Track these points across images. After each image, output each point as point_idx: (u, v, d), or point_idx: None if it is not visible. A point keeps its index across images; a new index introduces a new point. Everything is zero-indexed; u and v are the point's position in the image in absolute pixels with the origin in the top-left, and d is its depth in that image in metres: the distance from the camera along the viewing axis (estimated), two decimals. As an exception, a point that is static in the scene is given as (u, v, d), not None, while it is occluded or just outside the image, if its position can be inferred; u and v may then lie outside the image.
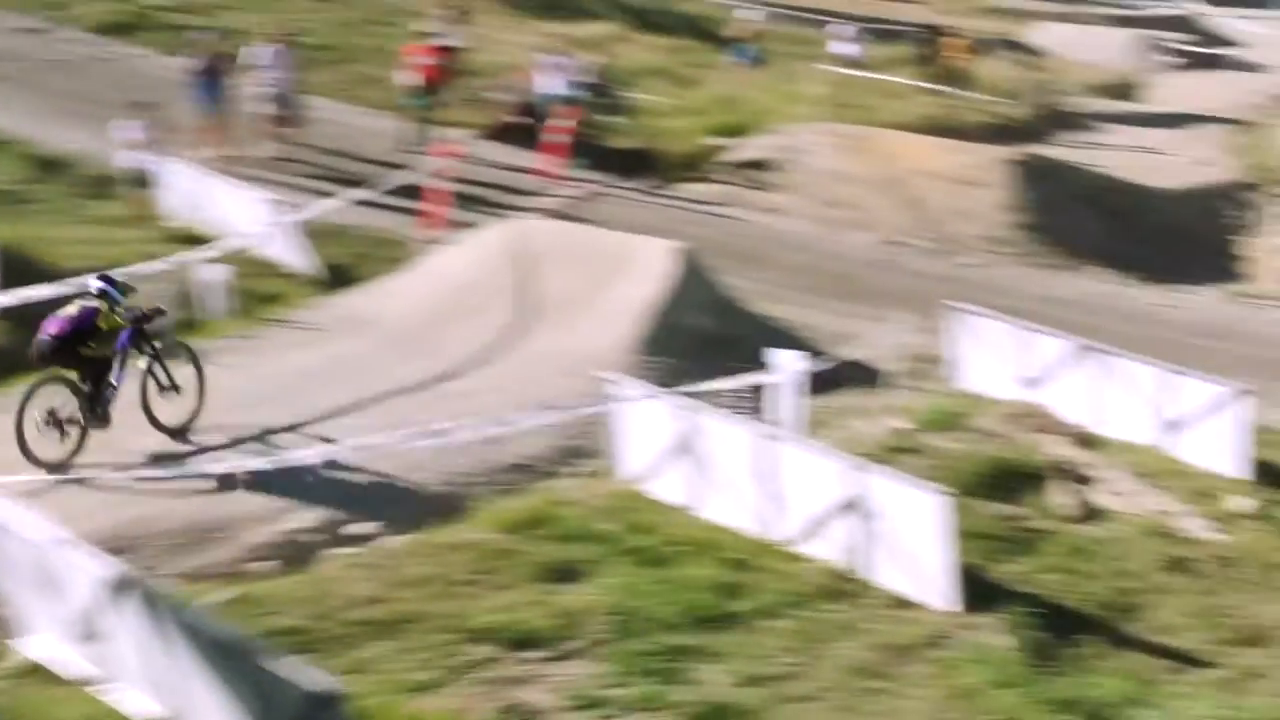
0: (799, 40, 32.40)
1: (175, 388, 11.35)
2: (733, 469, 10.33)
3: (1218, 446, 12.01)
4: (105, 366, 10.99)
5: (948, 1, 44.04)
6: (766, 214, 21.27)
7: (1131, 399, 12.51)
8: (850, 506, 9.62)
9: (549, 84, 22.61)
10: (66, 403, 10.64)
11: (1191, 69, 38.52)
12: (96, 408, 10.85)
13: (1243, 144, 26.92)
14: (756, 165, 22.30)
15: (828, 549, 9.79)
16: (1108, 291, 19.21)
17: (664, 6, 32.84)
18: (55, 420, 10.55)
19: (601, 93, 23.89)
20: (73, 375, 10.78)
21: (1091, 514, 11.15)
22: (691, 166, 22.74)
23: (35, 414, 10.44)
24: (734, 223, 20.87)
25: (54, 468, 10.52)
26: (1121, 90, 33.63)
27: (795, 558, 9.86)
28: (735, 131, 23.52)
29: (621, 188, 21.41)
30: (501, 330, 14.40)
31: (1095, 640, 9.12)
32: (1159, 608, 9.60)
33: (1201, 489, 11.67)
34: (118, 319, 11.05)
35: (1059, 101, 29.83)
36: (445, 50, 22.69)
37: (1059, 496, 11.30)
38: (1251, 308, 19.05)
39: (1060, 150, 25.58)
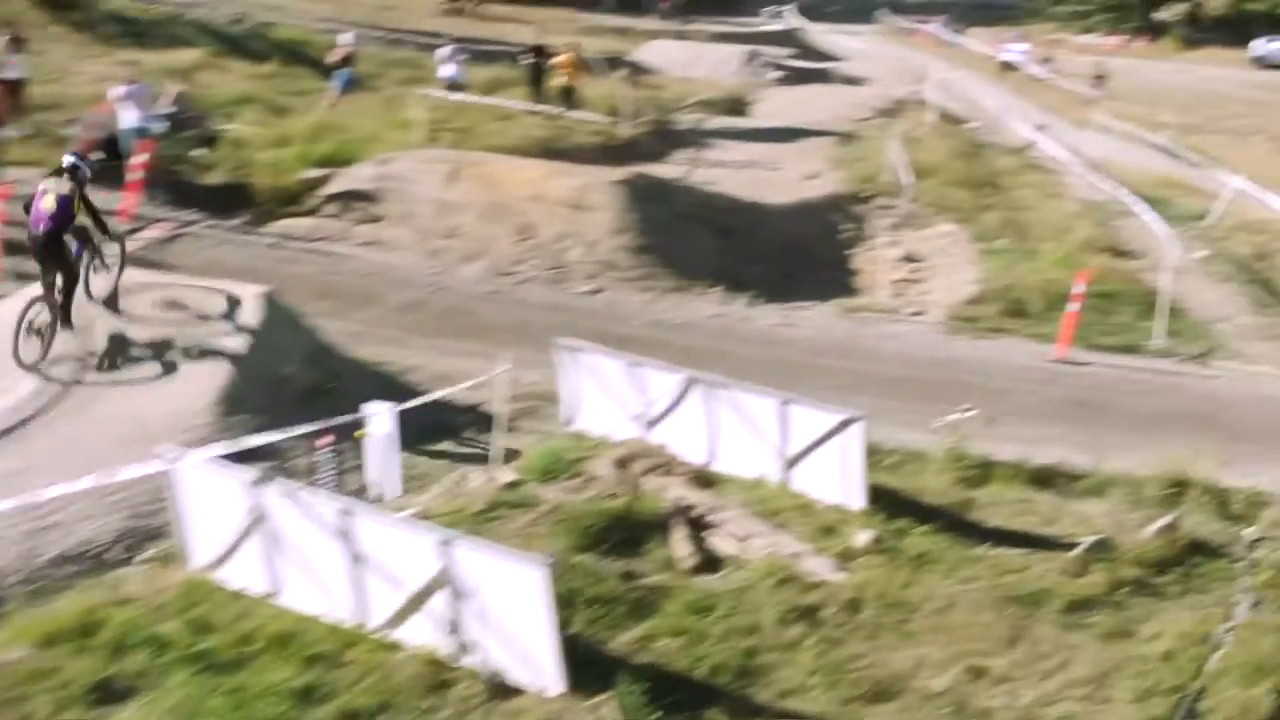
0: (406, 64, 31.37)
1: (105, 264, 13.89)
2: (313, 548, 8.91)
3: (835, 476, 11.47)
4: (73, 276, 13.18)
5: (556, 21, 43.89)
6: (371, 248, 19.93)
7: (747, 431, 11.85)
8: (443, 584, 8.43)
9: (128, 116, 20.75)
10: (43, 315, 12.91)
11: (798, 83, 39.42)
12: (66, 317, 13.10)
13: (848, 156, 27.33)
14: (359, 196, 20.91)
15: (425, 634, 8.58)
16: (725, 313, 18.76)
17: (257, 32, 31.13)
18: (35, 330, 12.86)
19: (187, 124, 22.09)
20: (50, 287, 13.01)
21: (712, 563, 10.36)
22: (289, 200, 21.12)
23: (25, 327, 12.74)
24: (336, 259, 19.46)
25: (30, 368, 12.84)
26: (732, 106, 33.91)
27: (389, 647, 8.59)
28: (336, 161, 22.12)
29: (211, 226, 19.64)
30: (55, 395, 12.66)
31: (717, 712, 8.26)
32: (784, 666, 8.82)
33: (823, 524, 11.08)
34: (86, 201, 13.17)
35: (670, 119, 29.71)
36: (4, 83, 20.64)
37: (678, 546, 10.46)
38: (867, 322, 18.94)
39: (672, 169, 25.32)
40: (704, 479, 11.75)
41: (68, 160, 13.16)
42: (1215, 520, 12.58)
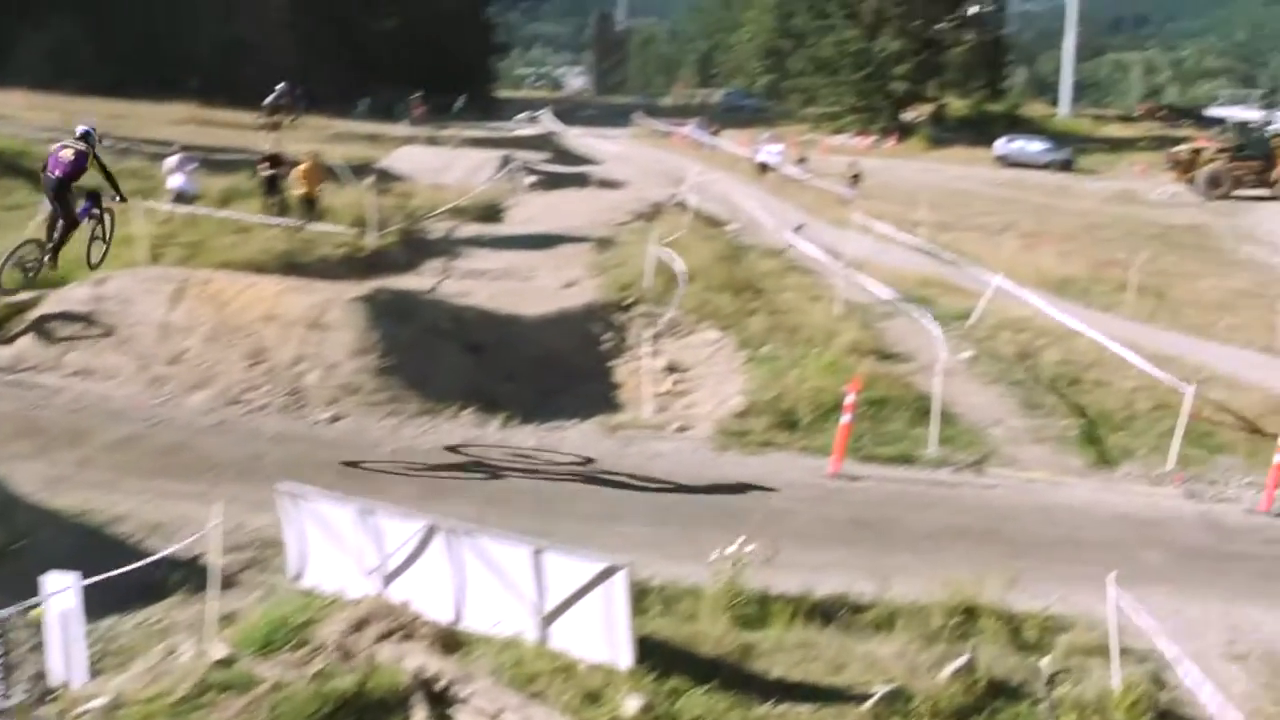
0: (133, 175, 29.22)
1: (105, 237, 15.37)
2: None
3: (599, 632, 10.14)
4: (72, 222, 14.73)
5: (306, 129, 42.29)
6: (83, 378, 17.98)
7: (499, 584, 10.44)
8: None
9: None
10: (32, 254, 14.75)
11: (554, 188, 38.51)
12: (54, 256, 14.86)
13: (606, 262, 26.34)
14: (72, 320, 18.91)
15: None
16: (478, 437, 17.32)
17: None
18: (23, 265, 14.66)
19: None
20: (51, 226, 14.74)
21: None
22: (-9, 326, 19.09)
23: (14, 259, 14.49)
24: (41, 392, 17.48)
25: (8, 293, 15.92)
26: (486, 213, 32.70)
27: None
28: (46, 282, 19.99)
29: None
30: None
31: None
32: None
33: (587, 689, 9.75)
34: (99, 161, 14.88)
35: (420, 228, 28.35)
36: None
37: (418, 730, 8.97)
38: (631, 440, 17.72)
39: (422, 280, 23.99)
40: (450, 642, 10.30)
41: (80, 129, 14.85)
42: (1010, 652, 11.72)
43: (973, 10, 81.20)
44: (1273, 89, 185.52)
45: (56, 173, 14.54)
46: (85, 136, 14.70)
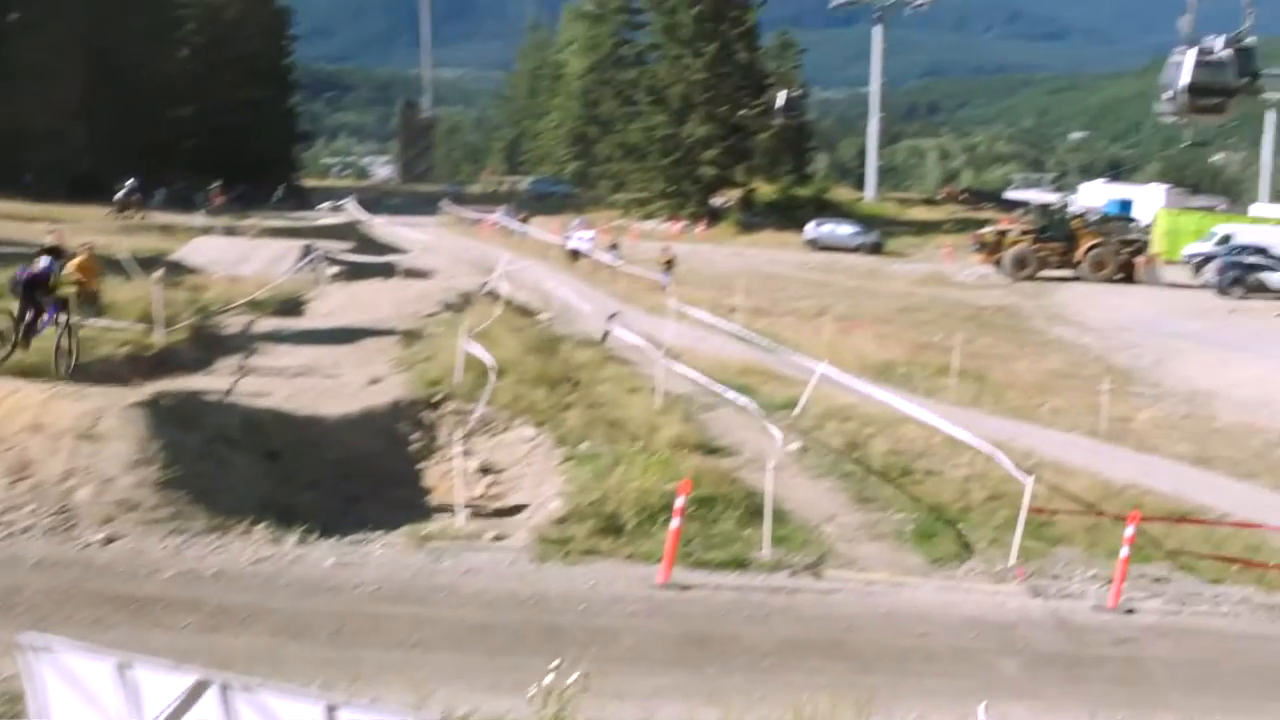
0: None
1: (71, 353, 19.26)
2: None
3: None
4: (39, 315, 18.93)
5: (95, 219, 40.09)
6: None
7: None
8: None
9: None
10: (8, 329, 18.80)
11: (359, 278, 36.97)
12: (27, 337, 18.94)
13: (414, 356, 24.89)
14: None
15: None
16: (272, 555, 15.63)
17: None
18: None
19: None
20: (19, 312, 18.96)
21: None
22: None
23: None
24: None
25: None
26: (287, 306, 31.00)
27: None
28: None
29: None
30: None
31: None
32: None
33: None
34: (62, 282, 19.50)
35: (214, 324, 26.54)
36: None
37: None
38: (443, 553, 16.20)
39: (215, 380, 22.17)
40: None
41: (44, 259, 18.99)
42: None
43: (781, 97, 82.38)
44: (1062, 173, 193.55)
45: (21, 278, 18.36)
46: (53, 250, 19.01)
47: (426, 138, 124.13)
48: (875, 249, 64.84)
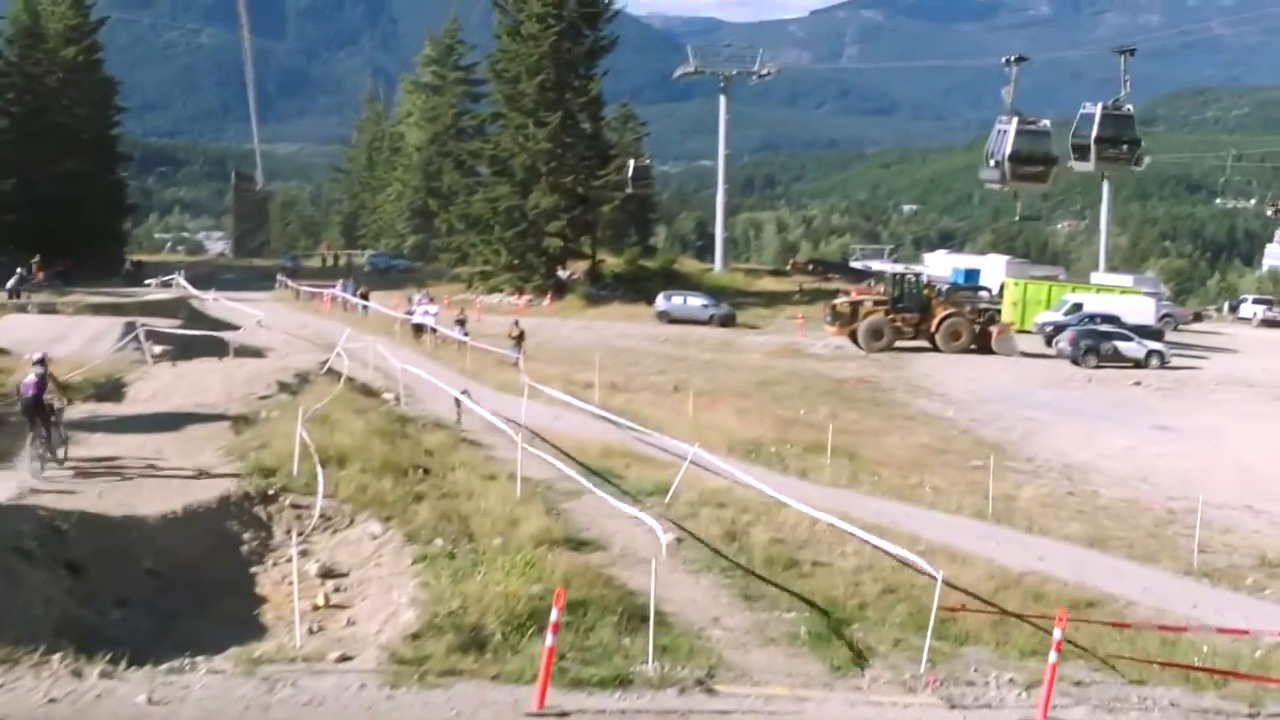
0: None
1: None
2: None
3: None
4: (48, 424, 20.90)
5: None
6: None
7: None
8: None
9: None
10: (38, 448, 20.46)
11: (188, 356, 34.29)
12: (55, 451, 20.96)
13: (247, 444, 22.51)
14: None
15: None
16: (72, 692, 13.13)
17: None
18: (38, 456, 20.33)
19: None
20: (38, 430, 20.59)
21: None
22: None
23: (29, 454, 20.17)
24: None
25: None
26: (106, 389, 28.34)
27: None
28: None
29: None
30: None
31: None
32: None
33: None
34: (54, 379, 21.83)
35: (13, 413, 23.75)
36: None
37: None
38: (279, 679, 13.84)
39: (6, 481, 19.51)
40: None
41: (37, 356, 21.50)
42: None
43: (630, 166, 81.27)
44: (898, 244, 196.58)
45: (29, 394, 20.45)
46: (42, 361, 21.11)
47: (261, 211, 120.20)
48: (727, 321, 63.54)
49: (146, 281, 67.30)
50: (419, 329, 47.45)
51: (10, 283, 45.71)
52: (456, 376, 36.45)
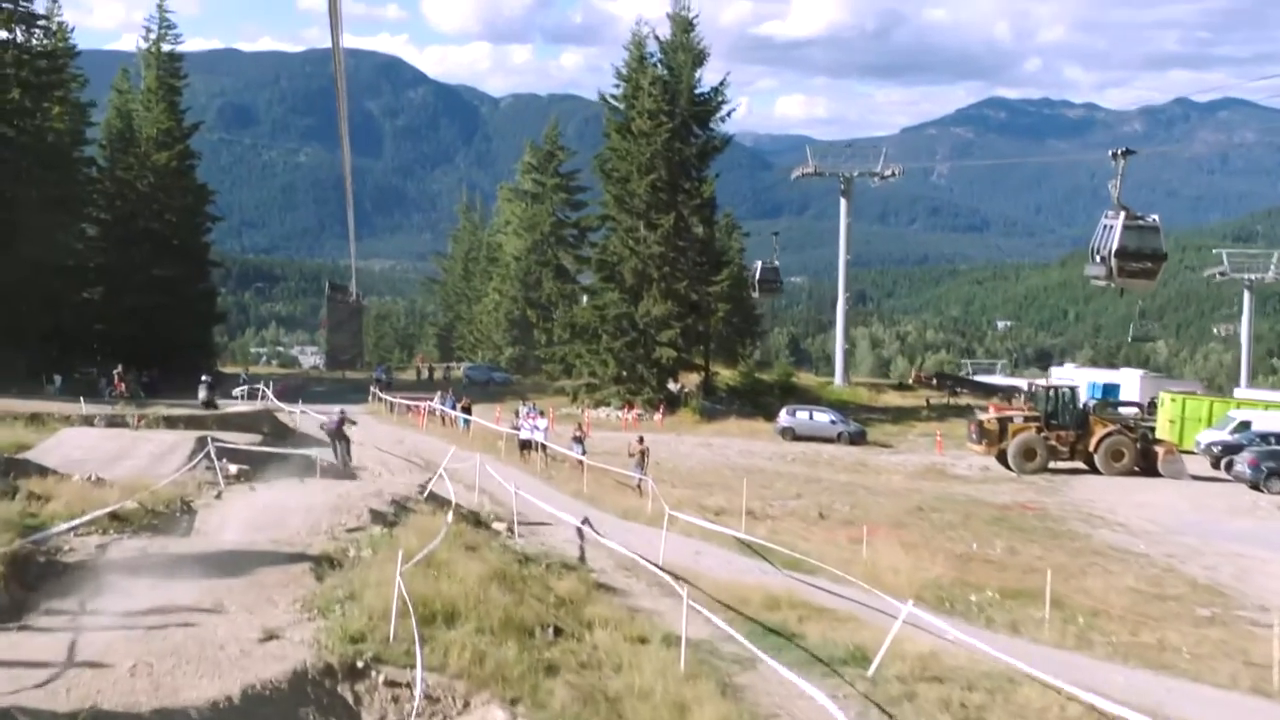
0: None
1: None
2: None
3: None
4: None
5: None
6: None
7: None
8: None
9: None
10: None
11: (266, 477, 29.69)
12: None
13: (329, 594, 17.61)
14: None
15: None
16: None
17: None
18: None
19: None
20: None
21: None
22: None
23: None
24: None
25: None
26: (167, 518, 23.70)
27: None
28: None
29: None
30: None
31: None
32: None
33: None
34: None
35: (50, 546, 19.14)
36: None
37: None
38: None
39: (21, 643, 14.80)
40: None
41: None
42: None
43: (758, 267, 76.63)
44: (1014, 358, 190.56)
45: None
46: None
47: (355, 323, 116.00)
48: (858, 439, 58.15)
49: (233, 391, 63.31)
50: (526, 445, 42.73)
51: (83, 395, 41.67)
52: (574, 501, 31.68)
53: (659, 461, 44.24)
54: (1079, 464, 50.43)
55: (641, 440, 39.30)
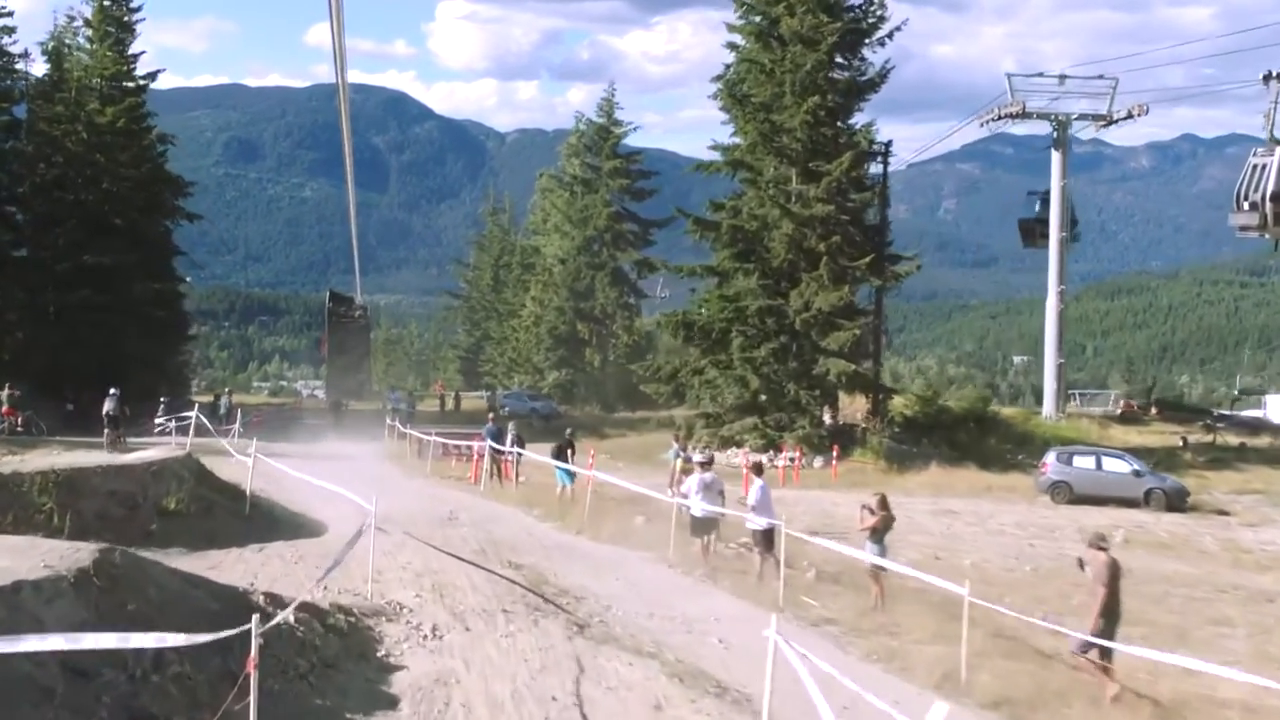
0: None
1: None
2: None
3: None
4: None
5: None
6: None
7: None
8: None
9: None
10: None
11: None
12: None
13: None
14: None
15: None
16: None
17: None
18: None
19: None
20: None
21: None
22: None
23: None
24: None
25: None
26: None
27: None
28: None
29: None
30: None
31: None
32: None
33: None
34: None
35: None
36: None
37: None
38: None
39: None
40: None
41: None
42: None
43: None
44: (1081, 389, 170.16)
45: None
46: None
47: (361, 341, 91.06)
48: (1177, 501, 36.18)
49: (157, 421, 42.00)
50: (703, 525, 21.28)
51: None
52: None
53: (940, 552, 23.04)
54: None
55: (885, 502, 18.25)
